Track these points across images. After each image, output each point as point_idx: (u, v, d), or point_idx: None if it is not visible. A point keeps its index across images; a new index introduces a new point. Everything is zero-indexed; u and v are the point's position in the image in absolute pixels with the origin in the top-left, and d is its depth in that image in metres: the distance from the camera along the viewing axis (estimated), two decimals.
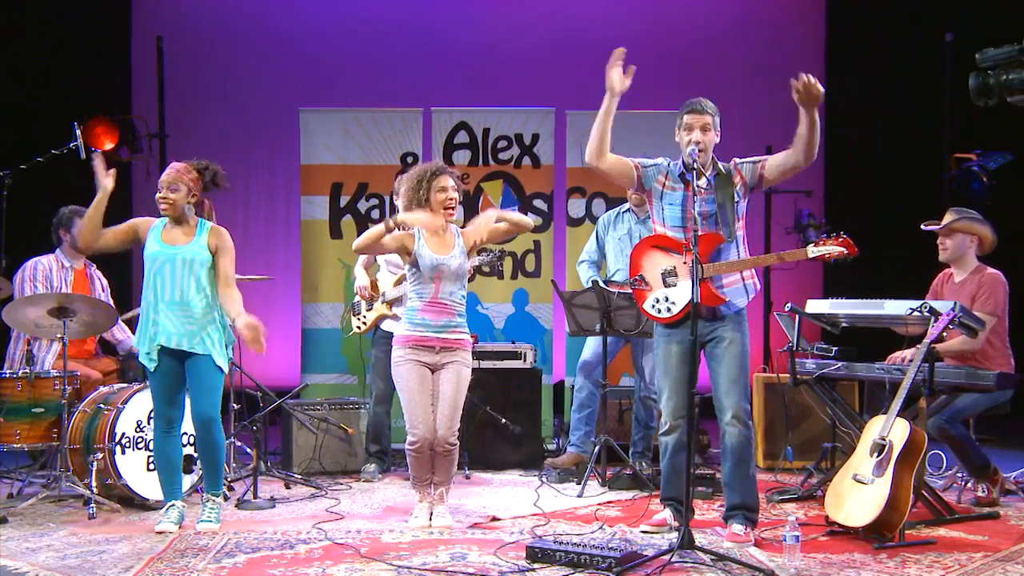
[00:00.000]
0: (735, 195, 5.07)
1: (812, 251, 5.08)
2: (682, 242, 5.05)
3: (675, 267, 5.13)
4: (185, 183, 5.39)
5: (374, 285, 7.21)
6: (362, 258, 7.29)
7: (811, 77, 4.73)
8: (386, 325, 7.10)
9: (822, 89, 4.75)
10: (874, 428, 5.30)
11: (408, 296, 5.61)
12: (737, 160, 5.16)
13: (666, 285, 5.14)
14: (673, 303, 5.10)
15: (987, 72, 5.14)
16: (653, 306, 5.20)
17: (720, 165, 5.14)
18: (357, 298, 7.29)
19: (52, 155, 6.74)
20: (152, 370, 5.33)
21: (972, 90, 5.22)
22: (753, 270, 5.20)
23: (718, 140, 5.14)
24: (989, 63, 5.15)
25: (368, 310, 7.22)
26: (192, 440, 6.08)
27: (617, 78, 4.98)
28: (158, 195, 5.38)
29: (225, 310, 5.37)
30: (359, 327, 7.31)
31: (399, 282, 6.95)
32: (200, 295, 5.34)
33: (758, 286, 5.23)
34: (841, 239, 5.08)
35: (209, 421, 5.34)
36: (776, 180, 5.18)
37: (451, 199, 5.51)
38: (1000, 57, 5.12)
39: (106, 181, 5.26)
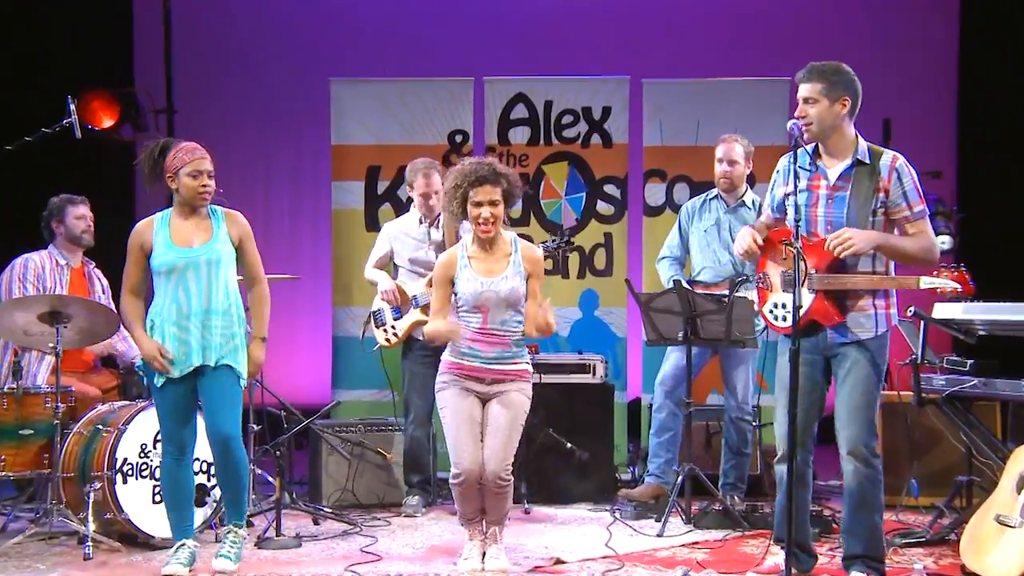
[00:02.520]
0: (872, 199, 4.95)
1: (924, 282, 4.97)
2: (811, 242, 4.97)
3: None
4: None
5: (399, 288, 7.18)
6: (374, 258, 7.26)
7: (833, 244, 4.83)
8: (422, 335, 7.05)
9: (850, 247, 4.81)
10: (1021, 458, 5.17)
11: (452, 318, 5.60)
12: (898, 164, 4.98)
13: (786, 290, 5.07)
14: (790, 312, 5.01)
15: None
16: (771, 311, 5.18)
17: (865, 151, 5.00)
18: (379, 305, 7.24)
19: (43, 135, 6.77)
20: (160, 385, 5.33)
21: None
22: (891, 299, 5.07)
23: (845, 110, 4.96)
24: None
25: (397, 319, 7.20)
26: (205, 467, 6.09)
27: None
28: (198, 184, 5.36)
29: (255, 316, 5.45)
30: (387, 341, 7.26)
31: (431, 282, 6.90)
32: (226, 298, 5.39)
33: (894, 319, 5.09)
34: (956, 273, 4.99)
35: (230, 439, 5.35)
36: None
37: (486, 219, 5.41)
38: None
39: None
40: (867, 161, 4.97)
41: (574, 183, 8.74)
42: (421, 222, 7.15)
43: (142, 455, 6.08)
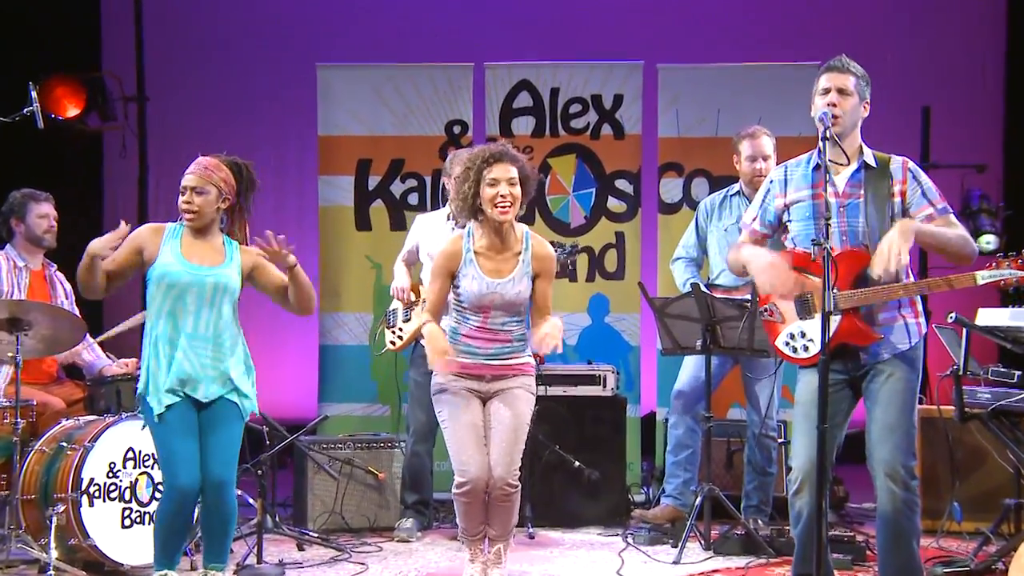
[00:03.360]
0: (888, 204, 4.93)
1: (983, 276, 4.93)
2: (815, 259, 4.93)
3: (812, 295, 5.02)
4: (215, 183, 5.32)
5: (415, 288, 7.12)
6: (403, 252, 7.22)
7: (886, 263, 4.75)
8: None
9: (901, 253, 4.74)
10: None
11: (451, 309, 5.57)
12: (911, 166, 4.99)
13: (802, 317, 5.05)
14: (811, 341, 5.02)
15: None
16: (787, 343, 5.14)
17: (871, 156, 5.01)
18: (394, 304, 7.18)
19: (1, 124, 6.72)
20: (158, 420, 5.21)
21: None
22: (916, 307, 5.04)
23: (865, 114, 5.00)
24: None
25: (406, 320, 7.17)
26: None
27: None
28: (180, 200, 5.33)
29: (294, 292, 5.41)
30: (393, 343, 7.22)
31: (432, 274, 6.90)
32: (223, 328, 5.31)
33: (923, 328, 5.08)
34: (1021, 260, 4.89)
35: (223, 486, 5.26)
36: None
37: (503, 196, 5.37)
38: None
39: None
40: (874, 165, 4.97)
41: (583, 178, 8.74)
42: (449, 218, 7.04)
43: (111, 475, 6.05)
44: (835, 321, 4.83)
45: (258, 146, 11.05)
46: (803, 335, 5.04)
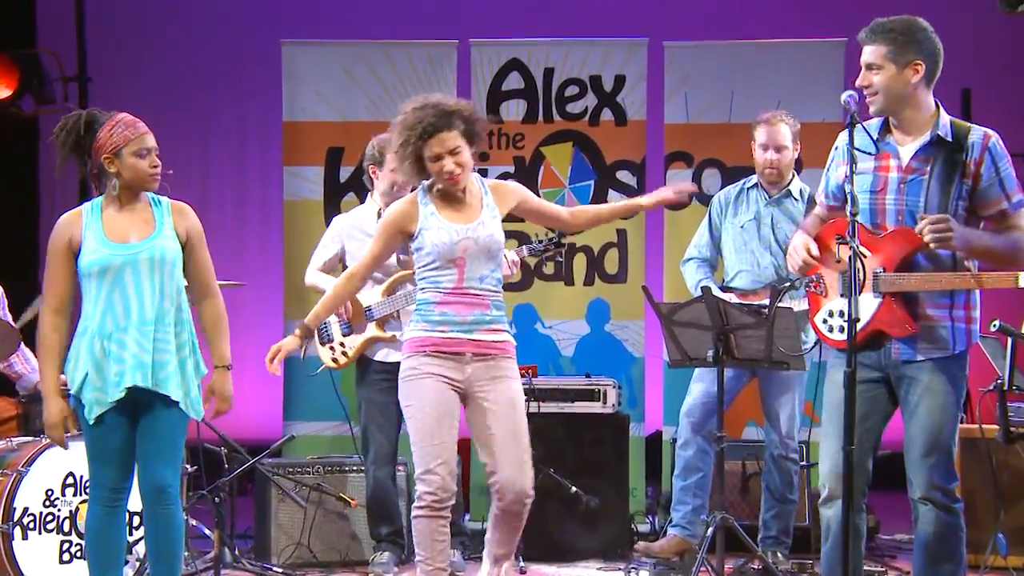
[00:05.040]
0: (957, 185, 4.92)
1: None
2: (878, 236, 4.96)
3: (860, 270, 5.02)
4: None
5: (352, 299, 7.04)
6: (320, 259, 7.15)
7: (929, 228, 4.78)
8: (380, 354, 7.00)
9: (947, 238, 4.77)
10: None
11: (418, 287, 5.52)
12: (992, 144, 4.96)
13: (843, 295, 5.05)
14: (848, 321, 4.93)
15: None
16: (825, 321, 5.17)
17: (947, 125, 4.98)
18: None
19: None
20: (94, 423, 5.21)
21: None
22: (972, 309, 5.04)
23: (917, 77, 4.93)
24: None
25: (347, 334, 7.14)
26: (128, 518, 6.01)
27: None
28: (146, 163, 5.25)
29: (212, 339, 5.39)
30: (335, 361, 7.18)
31: (391, 289, 6.98)
32: (173, 307, 5.27)
33: (975, 336, 5.07)
34: None
35: (165, 491, 5.24)
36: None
37: (452, 171, 5.34)
38: None
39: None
40: (949, 139, 4.93)
41: (580, 169, 8.75)
42: (380, 215, 6.98)
43: (48, 504, 6.07)
44: (874, 305, 4.86)
45: (215, 133, 11.13)
46: (841, 314, 4.99)
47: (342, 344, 7.14)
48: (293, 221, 8.74)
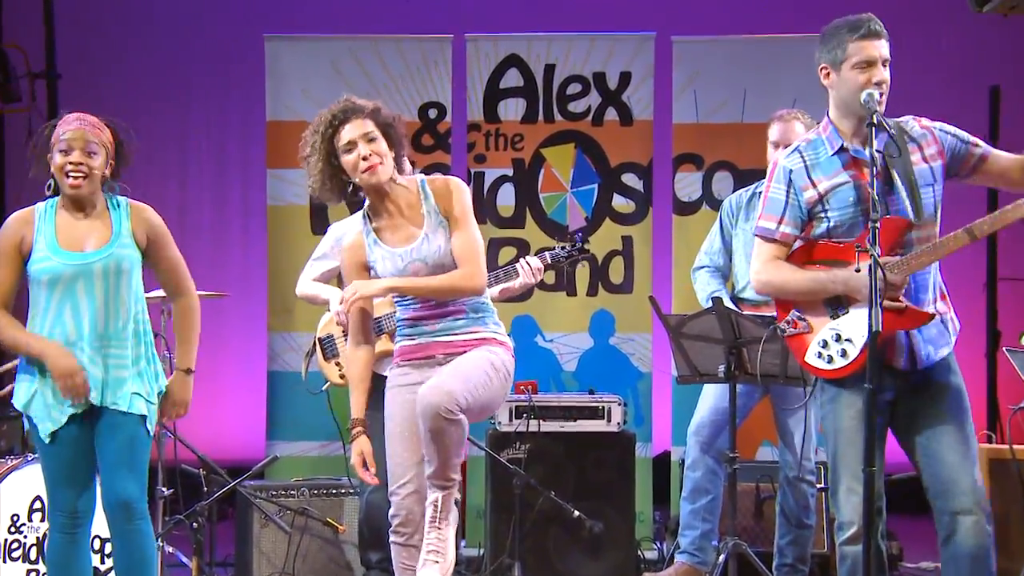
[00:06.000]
0: (916, 169, 5.01)
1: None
2: (843, 245, 5.00)
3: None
4: (102, 143, 5.29)
5: None
6: (316, 269, 7.12)
7: None
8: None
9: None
10: None
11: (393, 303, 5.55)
12: (923, 122, 5.09)
13: (834, 316, 5.05)
14: (849, 340, 5.00)
15: None
16: (819, 354, 5.11)
17: (885, 122, 5.01)
18: (328, 331, 7.13)
19: None
20: (48, 437, 5.21)
21: None
22: (947, 299, 5.12)
23: None
24: None
25: None
26: (98, 545, 6.01)
27: None
28: (66, 160, 5.23)
29: (179, 339, 5.37)
30: (342, 379, 7.13)
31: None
32: (129, 319, 5.27)
33: (958, 325, 5.14)
34: None
35: (131, 505, 5.22)
36: (983, 183, 5.21)
37: (367, 156, 5.25)
38: None
39: None
40: (890, 129, 5.00)
41: (583, 172, 8.77)
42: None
43: (13, 530, 6.09)
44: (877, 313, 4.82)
45: (194, 133, 11.11)
46: (838, 338, 5.01)
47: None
48: (277, 228, 8.75)
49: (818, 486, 7.05)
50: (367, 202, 5.43)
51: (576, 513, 7.19)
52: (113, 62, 10.66)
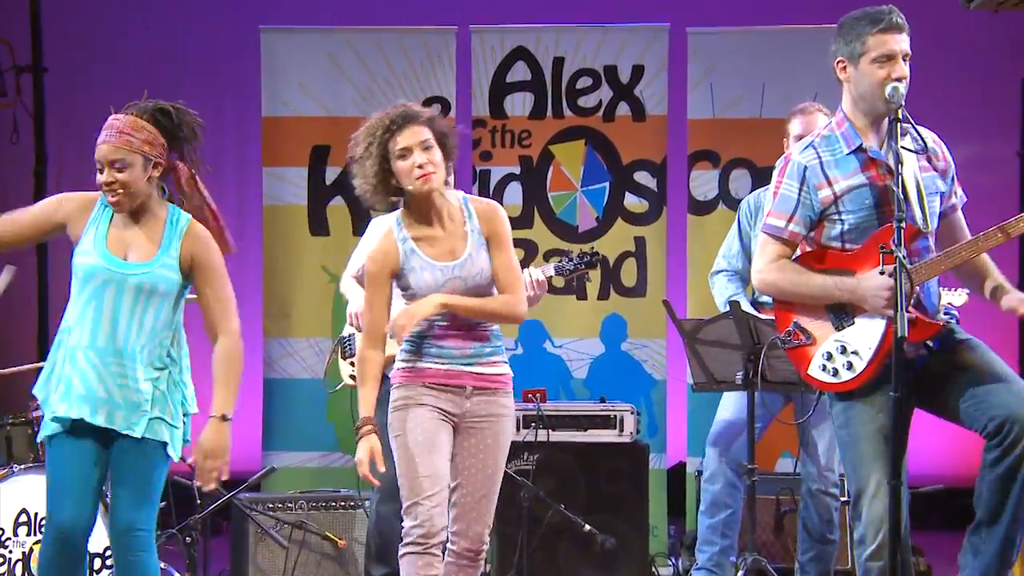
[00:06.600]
0: (924, 176, 5.02)
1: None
2: (852, 253, 5.01)
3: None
4: (139, 149, 5.18)
5: None
6: (354, 266, 7.17)
7: None
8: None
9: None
10: None
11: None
12: (935, 137, 5.15)
13: (839, 327, 5.05)
14: (855, 353, 5.00)
15: None
16: (823, 367, 5.10)
17: (911, 119, 5.04)
18: (349, 330, 7.15)
19: None
20: (51, 442, 5.16)
21: None
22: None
23: None
24: None
25: None
26: (99, 565, 5.99)
27: None
28: (101, 180, 5.14)
29: (216, 383, 5.23)
30: (352, 378, 7.17)
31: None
32: (154, 344, 5.17)
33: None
34: None
35: (135, 534, 5.15)
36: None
37: (423, 164, 5.28)
38: None
39: None
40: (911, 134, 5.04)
41: (594, 170, 8.78)
42: None
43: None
44: (882, 324, 4.86)
45: None
46: (843, 350, 5.01)
47: None
48: (274, 228, 8.76)
49: (842, 499, 7.03)
50: (401, 208, 5.45)
51: (587, 527, 7.22)
52: (101, 55, 10.63)
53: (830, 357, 5.04)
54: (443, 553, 5.39)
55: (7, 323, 7.86)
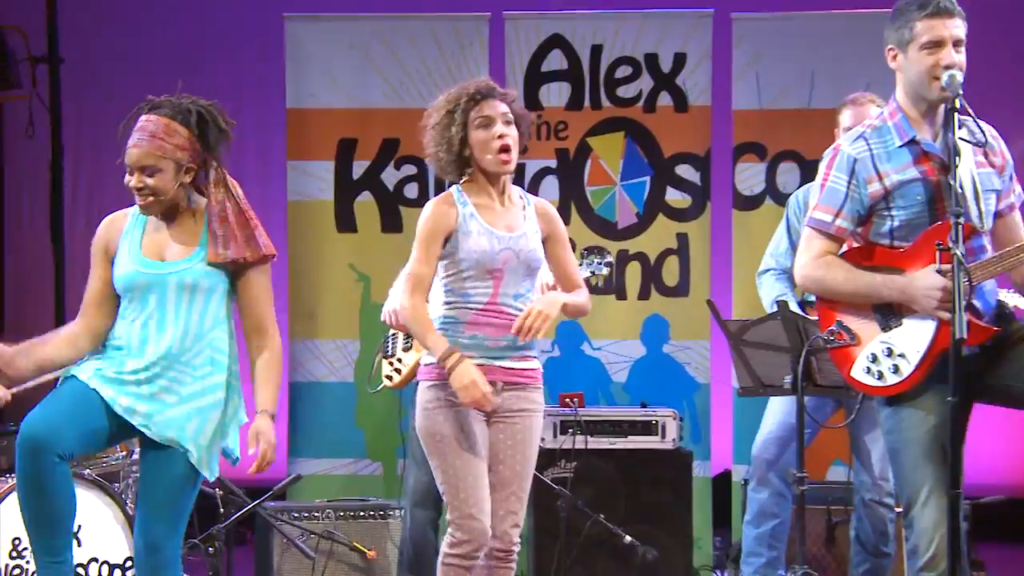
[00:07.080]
0: (979, 172, 4.99)
1: None
2: (902, 251, 4.97)
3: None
4: (171, 155, 5.16)
5: None
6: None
7: None
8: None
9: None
10: None
11: (444, 300, 5.54)
12: (993, 132, 5.12)
13: (885, 328, 5.01)
14: (902, 356, 4.97)
15: None
16: (867, 369, 5.06)
17: (969, 108, 5.01)
18: (391, 330, 7.13)
19: None
20: (66, 380, 5.07)
21: None
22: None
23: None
24: None
25: (406, 349, 7.12)
26: (106, 572, 5.99)
27: None
28: (130, 184, 5.12)
29: (259, 383, 5.17)
30: (390, 377, 7.16)
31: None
32: (204, 346, 5.15)
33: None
34: None
35: (158, 549, 5.12)
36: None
37: (501, 137, 5.39)
38: None
39: None
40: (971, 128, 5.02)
41: (634, 163, 8.78)
42: None
43: (15, 555, 6.10)
44: (932, 326, 4.82)
45: None
46: (889, 353, 4.97)
47: (399, 360, 7.11)
48: (298, 225, 8.79)
49: (897, 510, 6.99)
50: (463, 180, 5.54)
51: (628, 538, 7.27)
52: (119, 45, 10.67)
53: (875, 359, 5.01)
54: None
55: (23, 326, 7.85)
